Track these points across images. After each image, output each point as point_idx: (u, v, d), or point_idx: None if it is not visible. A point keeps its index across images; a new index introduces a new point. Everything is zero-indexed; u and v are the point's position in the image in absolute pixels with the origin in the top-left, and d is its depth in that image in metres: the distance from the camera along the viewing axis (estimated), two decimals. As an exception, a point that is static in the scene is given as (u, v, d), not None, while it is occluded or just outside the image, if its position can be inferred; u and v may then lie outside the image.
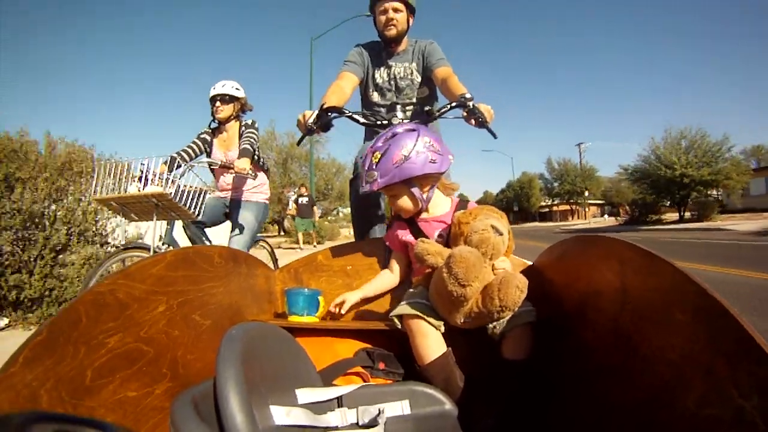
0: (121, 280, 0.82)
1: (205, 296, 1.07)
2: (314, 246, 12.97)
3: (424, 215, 1.46)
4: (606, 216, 33.24)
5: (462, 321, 1.14)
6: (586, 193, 44.27)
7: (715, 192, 21.57)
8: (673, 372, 0.65)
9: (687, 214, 21.82)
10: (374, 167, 1.35)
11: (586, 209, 46.10)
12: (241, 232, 3.15)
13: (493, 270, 1.18)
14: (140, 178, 2.55)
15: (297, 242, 13.25)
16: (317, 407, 0.91)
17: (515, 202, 54.68)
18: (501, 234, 1.20)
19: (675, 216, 22.60)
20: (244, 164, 2.81)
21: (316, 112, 1.70)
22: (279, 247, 13.79)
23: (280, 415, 0.80)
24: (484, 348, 1.19)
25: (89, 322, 0.73)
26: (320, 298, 1.49)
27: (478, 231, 1.18)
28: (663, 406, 0.66)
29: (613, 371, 0.83)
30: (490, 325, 1.16)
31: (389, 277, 1.55)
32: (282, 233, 20.23)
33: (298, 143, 1.98)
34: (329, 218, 19.68)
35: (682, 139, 21.81)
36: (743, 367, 0.53)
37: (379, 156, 1.35)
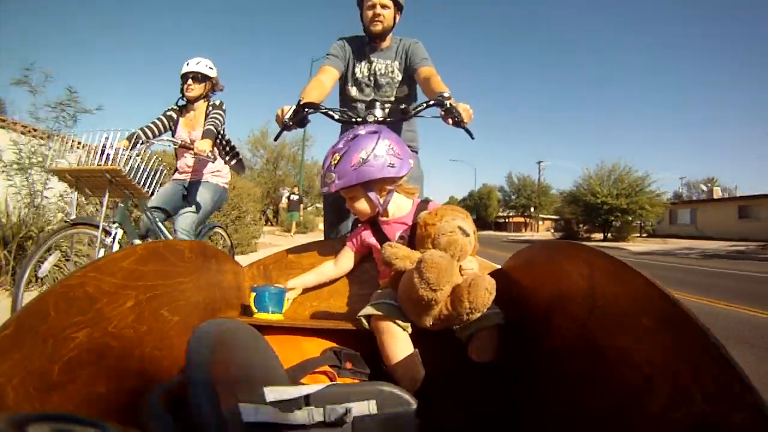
0: (91, 273, 0.80)
1: (174, 292, 1.06)
2: (292, 234, 15.87)
3: (384, 217, 1.48)
4: (552, 230, 36.88)
5: (431, 323, 1.16)
6: (533, 209, 49.08)
7: (632, 218, 25.71)
8: (639, 377, 0.67)
9: (609, 235, 26.26)
10: (333, 169, 1.36)
11: (540, 222, 49.71)
12: (194, 210, 3.04)
13: (460, 271, 1.21)
14: (100, 152, 2.45)
15: (288, 231, 16.22)
16: (284, 405, 0.92)
17: (474, 211, 57.15)
18: (468, 235, 1.22)
19: (601, 236, 27.17)
20: (205, 146, 2.73)
21: (293, 107, 1.70)
22: (273, 234, 16.89)
23: (249, 413, 0.80)
24: (451, 349, 1.22)
25: (58, 316, 0.72)
26: (286, 297, 1.50)
27: (446, 233, 1.19)
28: (629, 410, 0.68)
29: (580, 375, 0.86)
30: (457, 327, 1.19)
31: (330, 270, 1.58)
32: (267, 223, 22.75)
33: (275, 139, 1.92)
34: (304, 211, 21.78)
35: (612, 173, 26.74)
36: (706, 372, 0.55)
37: (338, 157, 1.35)
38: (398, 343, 1.18)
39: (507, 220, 60.31)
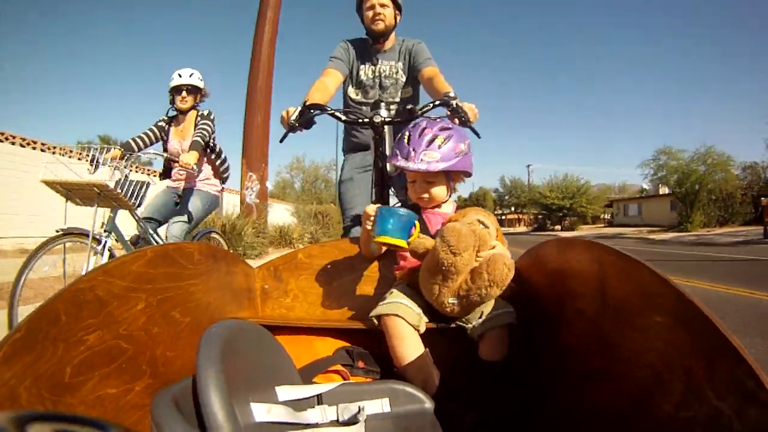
0: (101, 276, 0.81)
1: (184, 294, 1.06)
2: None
3: (435, 207, 1.44)
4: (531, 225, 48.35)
5: (450, 302, 1.15)
6: (512, 208, 61.47)
7: (579, 212, 40.93)
8: (652, 375, 0.66)
9: (563, 227, 39.97)
10: (437, 148, 1.31)
11: (532, 218, 58.61)
12: (185, 218, 3.13)
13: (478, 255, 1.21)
14: (91, 162, 2.59)
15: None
16: (297, 404, 0.91)
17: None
18: (487, 227, 1.22)
19: (559, 227, 41.82)
20: (189, 159, 2.80)
21: (299, 108, 1.69)
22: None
23: (261, 412, 0.80)
24: (462, 348, 1.21)
25: (69, 320, 0.72)
26: (417, 222, 1.34)
27: (465, 225, 1.20)
28: (641, 408, 0.67)
29: (592, 374, 0.85)
30: (469, 326, 1.18)
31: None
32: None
33: (281, 140, 1.88)
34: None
35: (563, 182, 41.63)
36: (719, 369, 0.54)
37: (443, 139, 1.32)
38: (408, 343, 1.16)
39: (503, 217, 66.64)
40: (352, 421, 0.93)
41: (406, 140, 1.35)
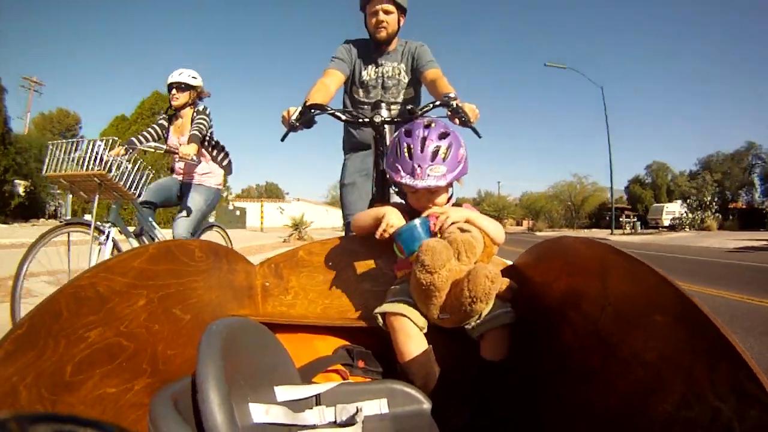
0: (102, 273, 0.81)
1: (185, 291, 1.06)
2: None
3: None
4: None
5: (439, 316, 1.15)
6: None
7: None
8: (652, 374, 0.66)
9: None
10: (443, 161, 1.28)
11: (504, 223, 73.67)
12: (187, 215, 3.22)
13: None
14: (97, 159, 2.65)
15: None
16: (296, 405, 0.92)
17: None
18: (468, 231, 1.21)
19: None
20: (188, 150, 2.91)
21: (299, 108, 1.71)
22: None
23: (260, 412, 0.80)
24: (464, 348, 1.21)
25: (70, 316, 0.72)
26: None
27: (439, 241, 1.20)
28: (641, 408, 0.67)
29: (592, 373, 0.84)
30: (469, 326, 1.18)
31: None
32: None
33: (282, 139, 1.86)
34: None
35: (497, 199, 59.45)
36: (721, 370, 0.54)
37: (445, 149, 1.29)
38: (412, 340, 1.17)
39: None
40: (350, 422, 0.93)
41: (406, 154, 1.31)
